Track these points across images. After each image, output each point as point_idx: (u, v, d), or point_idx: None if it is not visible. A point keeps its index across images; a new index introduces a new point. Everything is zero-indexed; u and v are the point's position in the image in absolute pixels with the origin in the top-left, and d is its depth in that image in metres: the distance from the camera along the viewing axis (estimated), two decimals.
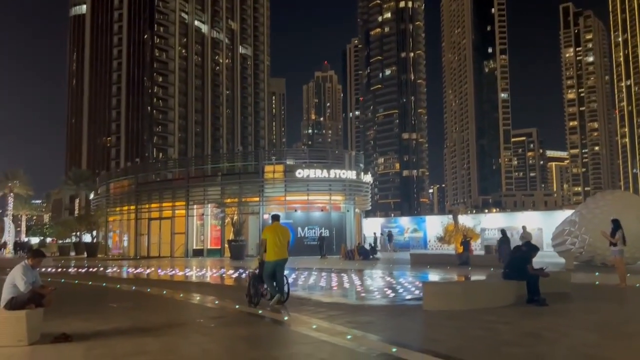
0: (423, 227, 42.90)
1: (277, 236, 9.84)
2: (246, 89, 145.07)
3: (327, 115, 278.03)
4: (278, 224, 10.30)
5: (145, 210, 39.35)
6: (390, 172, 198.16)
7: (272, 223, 10.32)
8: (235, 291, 12.99)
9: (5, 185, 71.41)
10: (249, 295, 9.91)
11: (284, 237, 10.02)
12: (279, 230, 10.03)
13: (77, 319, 8.73)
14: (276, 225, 10.18)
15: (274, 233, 9.88)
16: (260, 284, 9.92)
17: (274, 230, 9.96)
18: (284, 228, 10.38)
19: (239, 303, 10.19)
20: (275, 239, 9.79)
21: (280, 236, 9.89)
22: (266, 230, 10.18)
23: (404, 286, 13.29)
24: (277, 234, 9.87)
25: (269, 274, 9.73)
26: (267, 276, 9.73)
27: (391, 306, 9.79)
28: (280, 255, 9.82)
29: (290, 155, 41.22)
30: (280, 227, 10.23)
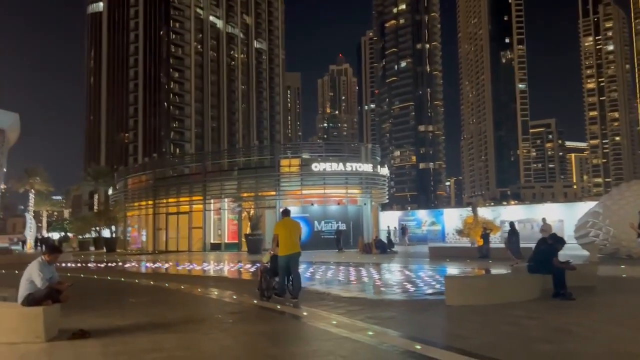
0: (441, 220, 42.50)
1: (288, 231, 9.85)
2: (261, 83, 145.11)
3: (342, 109, 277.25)
4: (289, 218, 10.31)
5: (163, 205, 39.58)
6: (407, 165, 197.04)
7: (282, 218, 10.35)
8: (253, 286, 12.85)
9: (26, 182, 72.62)
10: (260, 289, 9.98)
11: (296, 231, 10.02)
12: (290, 225, 10.05)
13: (95, 314, 8.67)
14: (287, 220, 10.18)
15: (285, 228, 9.91)
16: (272, 277, 9.95)
17: (285, 226, 9.99)
18: (295, 222, 10.40)
19: (257, 298, 10.07)
20: (286, 234, 9.80)
21: (291, 231, 9.91)
22: (278, 225, 10.25)
23: (424, 280, 13.04)
24: (288, 229, 9.89)
25: (284, 268, 9.73)
26: (282, 271, 9.75)
27: (412, 301, 9.57)
28: (293, 250, 9.81)
29: (306, 148, 41.03)
30: (291, 222, 10.24)
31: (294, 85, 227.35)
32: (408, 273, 15.34)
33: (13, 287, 7.87)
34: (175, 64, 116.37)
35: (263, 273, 10.10)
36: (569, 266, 9.47)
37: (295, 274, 9.82)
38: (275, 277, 9.94)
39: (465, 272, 15.53)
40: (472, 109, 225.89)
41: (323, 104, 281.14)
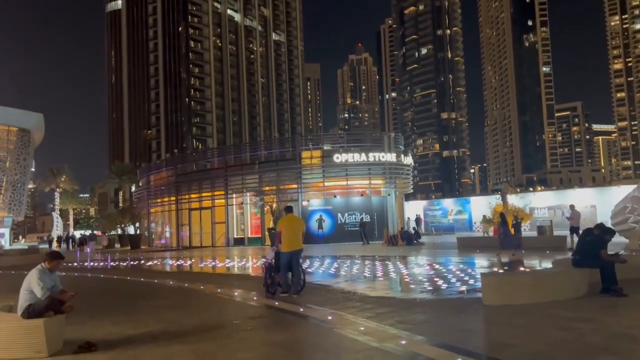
0: (468, 209, 41.43)
1: (292, 228, 10.01)
2: (281, 75, 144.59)
3: (362, 99, 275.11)
4: (292, 215, 10.58)
5: (185, 200, 39.39)
6: (430, 153, 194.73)
7: (286, 215, 10.51)
8: None
9: (52, 181, 73.75)
10: (266, 285, 10.15)
11: (299, 228, 10.22)
12: (294, 222, 10.25)
13: (108, 321, 8.17)
14: (291, 217, 10.39)
15: (288, 225, 10.05)
16: (276, 273, 10.12)
17: (289, 222, 10.13)
18: (298, 219, 10.76)
19: (280, 300, 9.48)
20: (290, 231, 9.96)
21: (294, 227, 10.09)
22: (281, 222, 10.35)
23: (456, 274, 12.28)
24: (291, 226, 10.05)
25: (285, 264, 9.90)
26: (284, 267, 9.90)
27: (446, 300, 8.81)
28: (295, 246, 9.98)
29: (328, 139, 40.26)
30: (294, 219, 10.51)
31: (314, 77, 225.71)
32: (437, 267, 14.57)
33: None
34: (195, 59, 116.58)
35: (267, 269, 10.20)
36: (619, 259, 8.61)
37: (296, 270, 10.02)
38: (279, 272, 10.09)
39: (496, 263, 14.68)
40: (496, 94, 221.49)
41: (343, 94, 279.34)
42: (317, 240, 31.66)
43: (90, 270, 20.50)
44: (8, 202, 75.03)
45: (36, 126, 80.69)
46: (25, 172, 78.60)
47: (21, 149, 77.79)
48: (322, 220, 32.23)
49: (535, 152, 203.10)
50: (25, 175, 78.80)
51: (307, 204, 33.16)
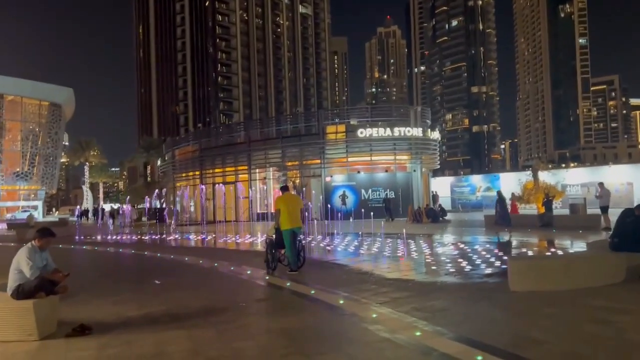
0: (497, 185, 40.23)
1: (290, 206, 10.12)
2: (307, 49, 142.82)
3: (390, 73, 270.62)
4: (289, 193, 10.77)
5: (210, 175, 39.32)
6: (459, 129, 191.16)
7: (282, 194, 10.52)
8: None
9: (81, 155, 74.94)
10: (267, 261, 10.20)
11: (297, 206, 10.34)
12: (292, 200, 10.42)
13: (112, 301, 7.85)
14: (288, 196, 10.53)
15: (286, 203, 10.14)
16: (277, 249, 10.28)
17: (286, 201, 10.23)
18: (295, 197, 11.05)
19: (291, 280, 9.02)
20: (289, 209, 10.06)
21: (293, 206, 10.21)
22: (278, 200, 10.38)
23: (481, 255, 11.59)
24: (289, 204, 10.16)
25: (291, 242, 9.99)
26: (289, 244, 9.99)
27: (469, 285, 8.16)
28: (295, 224, 10.11)
29: (352, 114, 39.27)
30: (291, 197, 10.74)
31: (341, 50, 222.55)
32: (462, 246, 13.89)
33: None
34: (222, 34, 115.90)
35: (268, 246, 10.30)
36: None
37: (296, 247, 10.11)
38: (280, 249, 10.26)
39: (526, 242, 13.90)
40: (528, 67, 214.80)
41: (371, 68, 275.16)
42: (340, 216, 31.16)
43: (112, 244, 20.50)
44: (41, 175, 76.79)
45: (67, 101, 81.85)
46: (56, 145, 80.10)
47: (52, 123, 79.14)
48: (345, 197, 31.67)
49: (568, 128, 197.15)
50: (57, 149, 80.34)
51: (330, 179, 32.60)
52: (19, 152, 75.82)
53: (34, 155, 77.00)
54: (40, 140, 77.69)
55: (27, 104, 76.50)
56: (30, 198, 75.59)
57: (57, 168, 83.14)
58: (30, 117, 77.33)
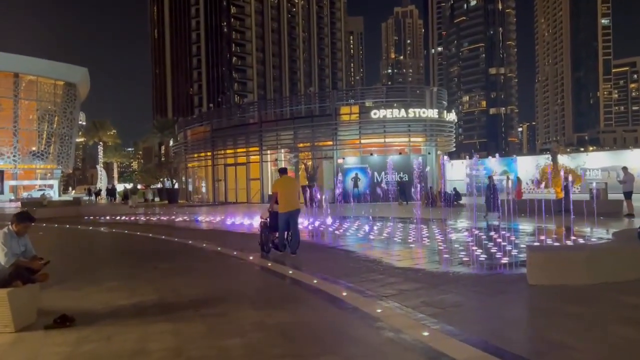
0: (513, 169, 39.32)
1: (287, 188, 10.13)
2: (322, 29, 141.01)
3: (407, 53, 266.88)
4: (287, 176, 10.66)
5: (221, 156, 38.94)
6: (476, 111, 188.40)
7: (280, 176, 10.44)
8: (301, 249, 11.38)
9: (95, 134, 75.12)
10: (261, 244, 10.28)
11: (295, 188, 10.43)
12: (289, 183, 10.45)
13: (104, 288, 7.44)
14: (286, 178, 10.51)
15: (283, 186, 10.13)
16: (271, 232, 10.27)
17: (284, 183, 10.22)
18: (293, 180, 11.27)
19: (294, 268, 8.53)
20: (286, 191, 10.07)
21: (291, 188, 10.25)
22: (276, 183, 10.40)
23: (497, 243, 10.99)
24: (287, 186, 10.19)
25: (284, 225, 9.97)
26: (282, 227, 9.98)
27: (483, 276, 7.58)
28: (293, 207, 10.07)
29: (366, 94, 38.41)
30: (290, 179, 10.76)
31: (357, 31, 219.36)
32: (477, 232, 13.28)
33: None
34: (236, 13, 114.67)
35: (262, 228, 10.32)
36: None
37: (294, 231, 10.04)
38: (274, 232, 10.24)
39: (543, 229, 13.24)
40: (548, 48, 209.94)
41: (387, 49, 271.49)
42: (352, 199, 30.64)
43: (119, 224, 20.22)
44: (57, 154, 77.27)
45: (81, 80, 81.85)
46: (72, 125, 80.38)
47: (67, 103, 79.32)
48: (358, 179, 31.07)
49: (588, 110, 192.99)
50: (72, 129, 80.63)
51: (343, 161, 31.98)
52: (35, 131, 76.26)
53: (50, 134, 77.42)
54: (56, 120, 78.02)
55: (42, 83, 76.67)
56: (46, 177, 76.23)
57: (73, 148, 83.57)
58: (45, 96, 77.57)
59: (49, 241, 15.13)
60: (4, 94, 71.98)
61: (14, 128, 72.95)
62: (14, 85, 72.95)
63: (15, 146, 72.77)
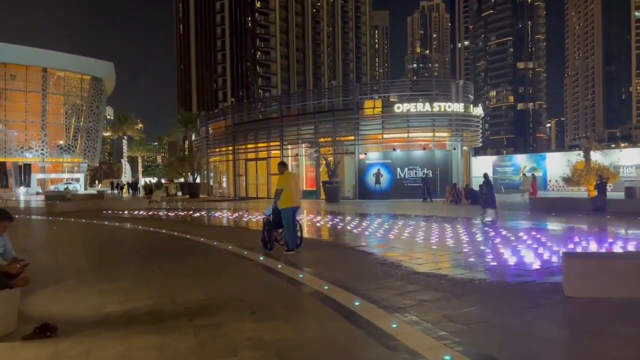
0: (542, 166, 38.08)
1: (293, 184, 9.92)
2: (347, 23, 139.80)
3: (433, 48, 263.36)
4: (289, 172, 10.40)
5: (242, 151, 38.56)
6: (503, 106, 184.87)
7: (284, 171, 10.12)
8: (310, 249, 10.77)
9: (119, 128, 75.76)
10: (263, 241, 10.06)
11: (298, 184, 10.32)
12: (294, 178, 10.23)
13: (97, 290, 6.93)
14: (289, 174, 10.24)
15: (288, 182, 9.82)
16: (275, 229, 10.02)
17: (290, 179, 10.01)
18: (296, 176, 10.89)
19: (306, 270, 7.89)
20: (292, 187, 9.82)
21: (296, 184, 10.12)
22: (282, 179, 9.90)
23: (527, 244, 10.17)
24: (293, 182, 9.98)
25: (290, 222, 9.66)
26: (288, 224, 9.66)
27: (513, 285, 6.80)
28: (297, 202, 9.95)
29: (389, 87, 37.41)
30: (293, 175, 10.48)
31: (382, 25, 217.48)
32: (505, 233, 12.44)
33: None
34: (261, 7, 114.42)
35: (265, 225, 10.06)
36: None
37: (294, 227, 9.84)
38: (278, 229, 9.98)
39: (577, 229, 12.31)
40: (579, 42, 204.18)
41: (413, 43, 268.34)
42: (374, 196, 29.87)
43: (135, 219, 19.89)
44: (83, 148, 78.29)
45: (107, 75, 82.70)
46: (98, 119, 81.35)
47: (94, 97, 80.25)
48: (380, 175, 30.27)
49: (620, 106, 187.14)
50: (99, 123, 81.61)
51: (365, 157, 31.20)
52: (63, 125, 77.40)
53: (77, 128, 78.47)
54: (83, 114, 79.04)
55: (70, 78, 77.72)
56: (74, 170, 77.33)
57: (99, 141, 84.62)
58: (72, 90, 78.64)
59: (60, 236, 14.84)
60: (32, 88, 73.18)
61: (42, 122, 74.16)
62: (43, 79, 74.09)
63: (44, 140, 73.99)
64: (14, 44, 72.09)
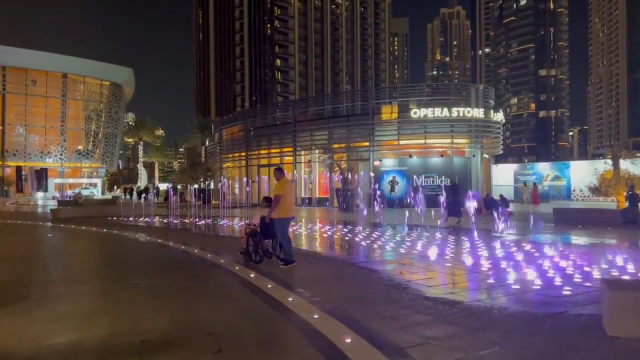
0: (566, 174, 36.52)
1: (290, 192, 9.03)
2: (366, 30, 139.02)
3: (453, 55, 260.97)
4: (286, 178, 9.37)
5: (255, 156, 37.77)
6: (525, 114, 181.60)
7: (283, 177, 9.21)
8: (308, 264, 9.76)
9: (135, 134, 75.86)
10: (247, 252, 9.23)
11: (294, 192, 9.49)
12: (291, 186, 9.34)
13: (55, 313, 6.01)
14: (287, 181, 9.25)
15: (289, 188, 9.04)
16: (265, 240, 9.32)
17: (289, 186, 9.09)
18: (291, 182, 10.06)
19: (295, 289, 6.84)
20: (291, 195, 9.09)
21: (292, 191, 9.23)
22: (281, 186, 8.92)
23: (554, 263, 8.97)
24: (289, 190, 9.05)
25: (287, 232, 8.94)
26: (286, 236, 8.91)
27: (541, 318, 5.62)
28: (294, 212, 9.22)
29: (405, 92, 36.24)
30: (290, 182, 9.62)
31: (401, 32, 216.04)
32: (528, 248, 11.23)
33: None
34: (280, 14, 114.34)
35: (251, 235, 9.24)
36: None
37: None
38: (267, 240, 9.32)
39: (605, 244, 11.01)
40: (603, 49, 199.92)
41: (432, 50, 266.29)
42: (389, 203, 28.70)
43: (137, 227, 19.07)
44: (102, 154, 78.60)
45: (127, 81, 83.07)
46: (117, 125, 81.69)
47: (113, 103, 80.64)
48: (395, 183, 29.10)
49: None
50: (117, 129, 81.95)
51: (380, 163, 30.06)
52: (82, 130, 77.85)
53: (96, 134, 78.86)
54: (102, 120, 79.45)
55: (89, 84, 78.23)
56: (92, 176, 77.62)
57: (118, 147, 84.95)
58: (92, 96, 79.14)
59: (47, 245, 14.02)
60: (52, 94, 73.78)
61: (61, 127, 74.64)
62: (62, 85, 74.65)
63: (63, 145, 74.42)
64: (34, 50, 72.82)
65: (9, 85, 70.60)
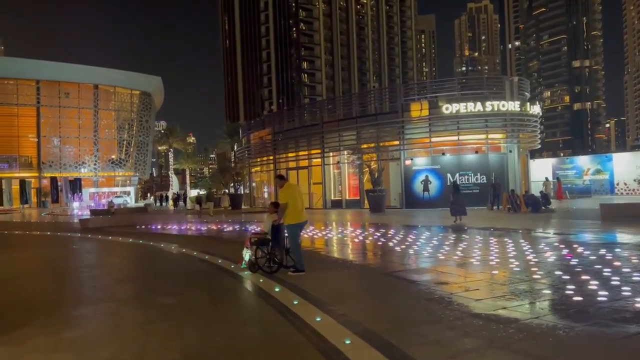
0: (609, 167, 34.79)
1: (298, 196, 8.79)
2: (392, 28, 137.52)
3: (482, 50, 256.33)
4: (291, 183, 9.36)
5: (283, 160, 37.25)
6: (559, 107, 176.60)
7: (287, 183, 9.02)
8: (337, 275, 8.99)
9: (165, 140, 76.56)
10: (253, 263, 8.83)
11: (302, 197, 9.06)
12: (297, 191, 9.03)
13: (51, 342, 5.35)
14: (291, 186, 9.10)
15: (293, 194, 8.68)
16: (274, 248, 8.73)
17: (294, 191, 8.84)
18: (298, 187, 9.70)
19: (324, 307, 6.04)
20: (298, 200, 8.71)
21: (299, 197, 8.89)
22: (285, 192, 8.64)
23: (614, 267, 7.95)
24: (298, 194, 8.81)
25: (297, 239, 8.74)
26: (297, 242, 8.69)
27: (615, 340, 4.69)
28: (304, 217, 8.84)
29: (435, 87, 35.06)
30: (296, 187, 9.37)
31: (428, 29, 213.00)
32: (580, 250, 10.17)
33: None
34: (305, 16, 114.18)
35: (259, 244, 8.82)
36: None
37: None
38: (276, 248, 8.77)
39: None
40: (638, 37, 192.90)
41: (461, 46, 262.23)
42: (423, 204, 27.66)
43: (165, 236, 18.62)
44: (134, 162, 79.68)
45: (156, 89, 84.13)
46: (148, 133, 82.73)
47: (143, 112, 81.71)
48: (428, 182, 28.05)
49: None
50: (148, 137, 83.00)
51: (411, 162, 29.05)
52: (114, 140, 79.11)
53: (128, 143, 80.00)
54: (134, 129, 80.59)
55: (120, 94, 79.46)
56: (126, 184, 78.73)
57: (149, 155, 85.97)
58: (122, 106, 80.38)
59: (67, 258, 13.56)
60: (84, 104, 75.11)
61: (94, 137, 75.91)
62: (94, 96, 75.95)
63: (96, 155, 75.66)
64: (66, 62, 74.30)
65: (43, 98, 72.13)
